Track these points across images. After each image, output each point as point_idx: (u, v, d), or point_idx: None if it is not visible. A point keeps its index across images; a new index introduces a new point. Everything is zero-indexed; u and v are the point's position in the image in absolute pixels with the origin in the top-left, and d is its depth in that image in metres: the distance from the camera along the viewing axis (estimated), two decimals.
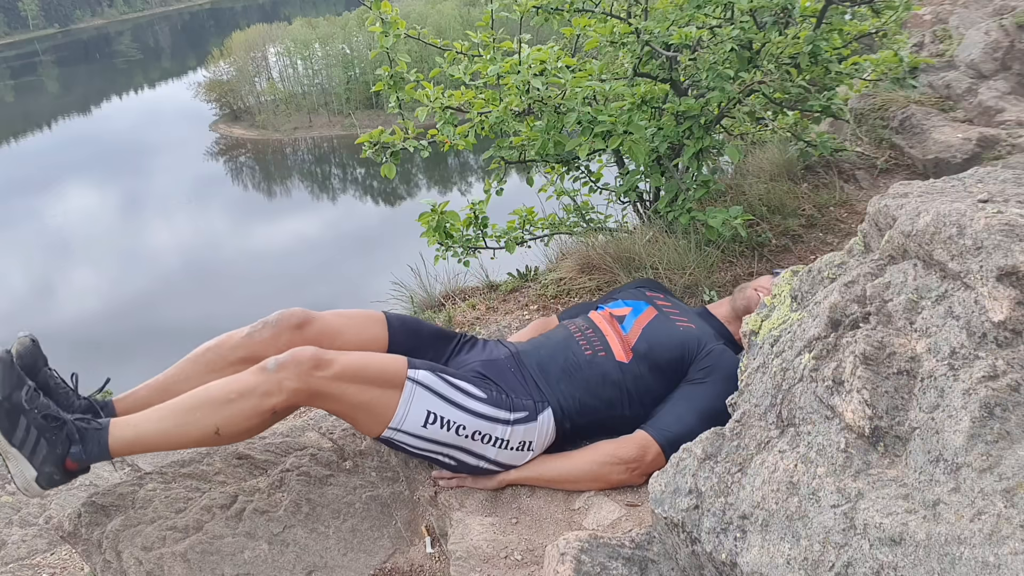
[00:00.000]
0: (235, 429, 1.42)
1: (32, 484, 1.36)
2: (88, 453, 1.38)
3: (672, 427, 1.54)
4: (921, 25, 4.67)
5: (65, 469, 1.37)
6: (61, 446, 1.36)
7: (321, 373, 1.42)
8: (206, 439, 1.42)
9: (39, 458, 1.35)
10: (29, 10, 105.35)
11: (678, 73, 2.60)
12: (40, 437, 1.35)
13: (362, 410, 1.48)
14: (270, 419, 1.45)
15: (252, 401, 1.40)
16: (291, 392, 1.40)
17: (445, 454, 1.55)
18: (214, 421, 1.39)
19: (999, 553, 0.73)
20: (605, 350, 1.67)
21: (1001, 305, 0.85)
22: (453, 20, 35.29)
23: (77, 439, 1.37)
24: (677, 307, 1.85)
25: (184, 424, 1.40)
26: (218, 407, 1.40)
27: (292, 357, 1.42)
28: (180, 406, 1.41)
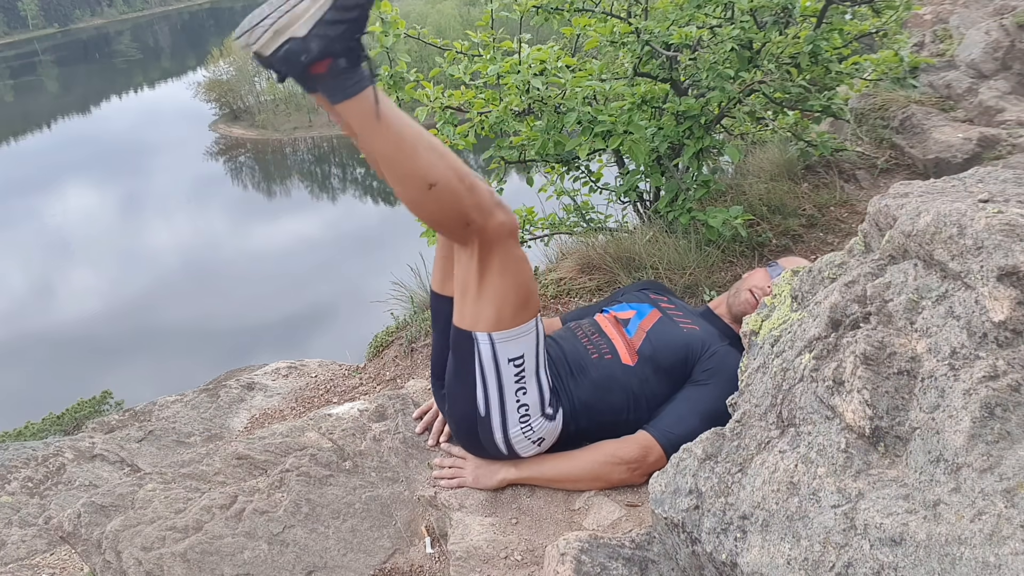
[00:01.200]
0: (442, 200, 1.34)
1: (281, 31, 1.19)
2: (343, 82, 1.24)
3: (674, 428, 1.54)
4: (921, 25, 4.67)
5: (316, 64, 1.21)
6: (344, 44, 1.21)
7: (512, 242, 1.42)
8: (422, 180, 1.33)
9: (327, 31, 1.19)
10: (29, 10, 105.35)
11: (678, 73, 2.60)
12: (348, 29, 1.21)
13: (492, 296, 1.44)
14: (459, 225, 1.38)
15: (468, 197, 1.35)
16: (489, 224, 1.37)
17: (488, 395, 1.52)
18: (442, 172, 1.32)
19: (999, 553, 0.73)
20: (611, 353, 1.67)
21: (1001, 305, 0.85)
22: (453, 20, 35.29)
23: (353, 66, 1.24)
24: (681, 309, 1.85)
25: (418, 152, 1.32)
26: (451, 168, 1.33)
27: (510, 216, 1.41)
28: (420, 136, 1.33)
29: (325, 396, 2.50)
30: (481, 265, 1.42)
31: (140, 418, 2.75)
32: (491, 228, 1.38)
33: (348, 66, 1.24)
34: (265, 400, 2.65)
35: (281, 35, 1.20)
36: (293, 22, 1.19)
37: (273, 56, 1.22)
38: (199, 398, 2.73)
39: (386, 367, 2.52)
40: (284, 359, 3.02)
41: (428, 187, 1.33)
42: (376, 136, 1.30)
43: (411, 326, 2.58)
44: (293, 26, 1.19)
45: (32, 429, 4.50)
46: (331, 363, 2.90)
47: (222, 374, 3.10)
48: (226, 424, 2.55)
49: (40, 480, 2.40)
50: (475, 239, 1.40)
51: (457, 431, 1.65)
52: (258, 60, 1.25)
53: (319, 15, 1.19)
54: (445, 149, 1.37)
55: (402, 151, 1.32)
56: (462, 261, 1.47)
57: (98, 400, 6.11)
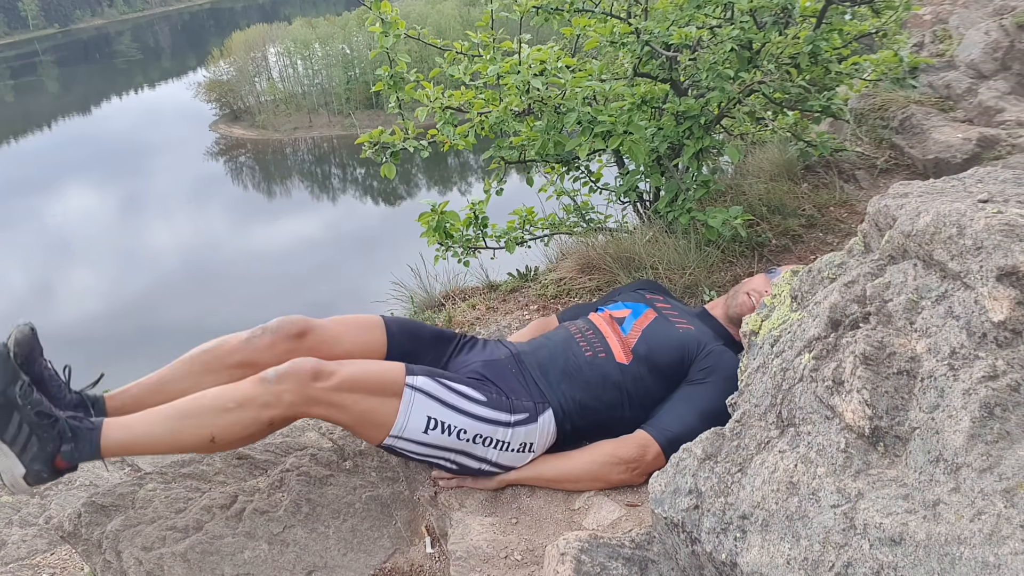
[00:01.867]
0: (231, 438, 1.41)
1: (19, 481, 1.34)
2: (80, 452, 1.36)
3: (672, 427, 1.54)
4: (921, 25, 4.67)
5: (55, 467, 1.35)
6: (52, 444, 1.34)
7: (321, 384, 1.42)
8: (201, 446, 1.41)
9: (29, 455, 1.33)
10: (29, 10, 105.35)
11: (678, 73, 2.60)
12: (32, 434, 1.34)
13: (363, 419, 1.47)
14: (267, 430, 1.44)
15: (251, 412, 1.39)
16: (290, 404, 1.40)
17: (447, 458, 1.55)
18: (210, 430, 1.39)
19: (999, 553, 0.73)
20: (605, 352, 1.67)
21: (1001, 305, 0.85)
22: (453, 20, 35.28)
23: (69, 437, 1.36)
24: (676, 309, 1.85)
25: (179, 430, 1.39)
26: (215, 415, 1.39)
27: (292, 368, 1.42)
28: (176, 411, 1.40)
29: None
30: (327, 414, 1.47)
31: None
32: (292, 403, 1.41)
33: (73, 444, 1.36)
34: None
35: (18, 481, 1.34)
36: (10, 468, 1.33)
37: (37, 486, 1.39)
38: None
39: None
40: None
41: (211, 441, 1.40)
42: (147, 447, 1.41)
43: None
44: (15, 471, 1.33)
45: None
46: None
47: None
48: None
49: None
50: (297, 413, 1.44)
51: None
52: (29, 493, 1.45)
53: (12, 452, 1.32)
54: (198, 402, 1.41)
55: (171, 444, 1.41)
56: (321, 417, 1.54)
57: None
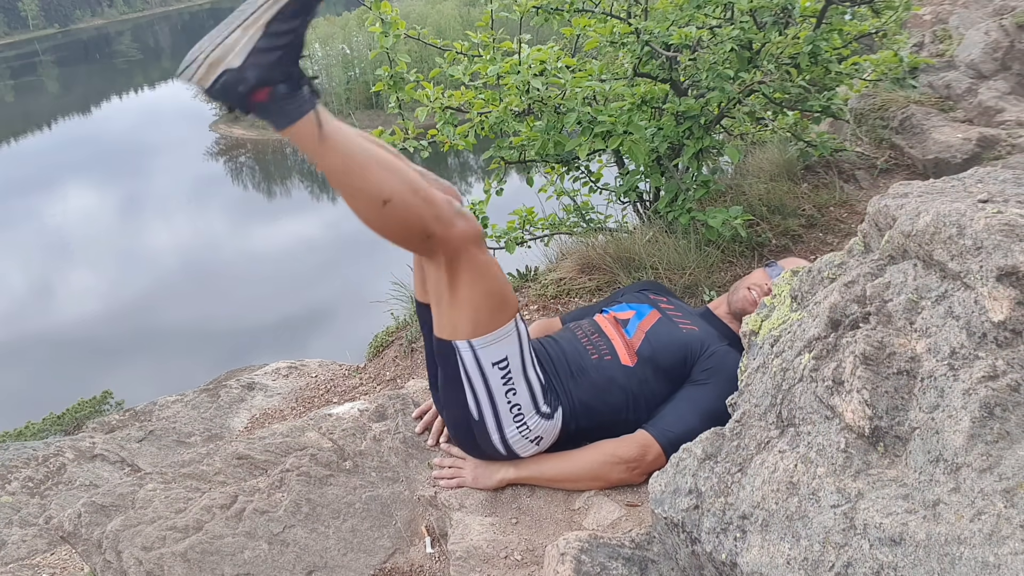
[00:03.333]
0: (397, 216, 1.34)
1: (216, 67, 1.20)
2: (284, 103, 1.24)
3: (673, 427, 1.54)
4: (921, 25, 4.67)
5: (256, 89, 1.22)
6: (282, 70, 1.22)
7: (476, 249, 1.41)
8: (375, 197, 1.32)
9: (258, 59, 1.20)
10: (29, 10, 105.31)
11: (678, 73, 2.60)
12: (282, 56, 1.22)
13: (466, 305, 1.44)
14: (418, 237, 1.38)
15: (424, 209, 1.35)
16: (451, 234, 1.37)
17: (479, 401, 1.52)
18: (395, 189, 1.32)
19: (999, 553, 0.73)
20: (611, 354, 1.68)
21: (1001, 305, 0.85)
22: (453, 20, 35.25)
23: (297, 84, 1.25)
24: (680, 309, 1.85)
25: (370, 168, 1.32)
26: (403, 183, 1.33)
27: (472, 223, 1.41)
28: (376, 157, 1.34)
29: (325, 396, 2.51)
30: (450, 275, 1.43)
31: (140, 418, 2.75)
32: (454, 238, 1.38)
33: (288, 91, 1.25)
34: (265, 400, 2.65)
35: (216, 67, 1.21)
36: (227, 53, 1.21)
37: (212, 88, 1.23)
38: (199, 398, 2.73)
39: (386, 367, 2.53)
40: (284, 359, 3.02)
41: (382, 203, 1.32)
42: (324, 157, 1.31)
43: (411, 326, 2.58)
44: (227, 57, 1.21)
45: (33, 429, 4.49)
46: (331, 363, 2.90)
47: (222, 374, 3.11)
48: (226, 424, 2.55)
49: (41, 480, 2.40)
50: (439, 251, 1.40)
51: (455, 435, 1.66)
52: (203, 93, 1.26)
53: (251, 44, 1.21)
54: (399, 164, 1.37)
55: (351, 170, 1.32)
56: (431, 273, 1.48)
57: (98, 400, 6.11)
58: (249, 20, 1.21)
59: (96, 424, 2.89)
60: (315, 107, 1.28)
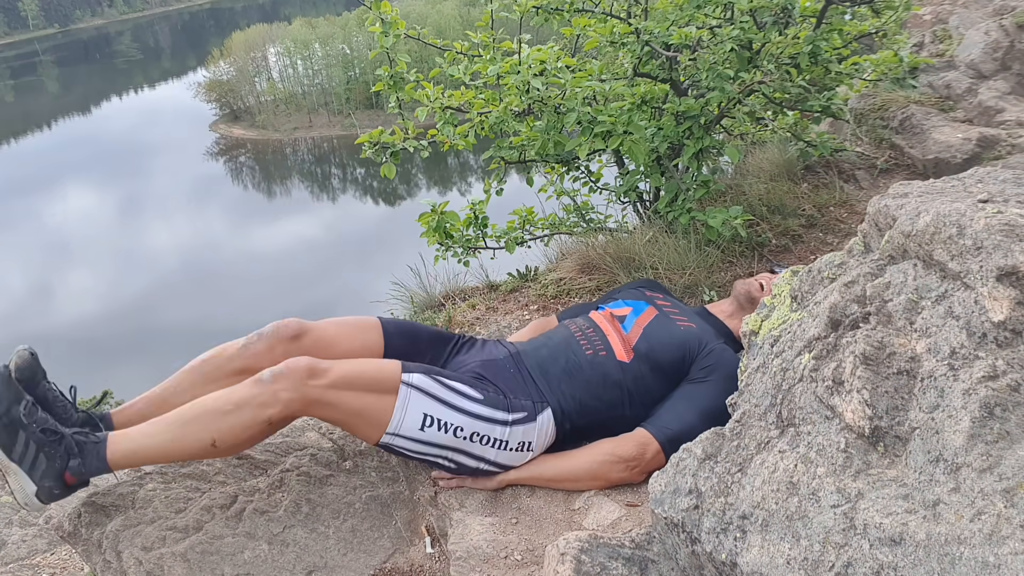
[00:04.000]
0: (232, 441, 1.42)
1: (32, 498, 1.37)
2: (87, 466, 1.38)
3: (672, 425, 1.54)
4: (921, 25, 4.67)
5: (65, 483, 1.38)
6: (60, 460, 1.37)
7: (316, 382, 1.43)
8: (203, 452, 1.43)
9: (39, 472, 1.36)
10: (29, 10, 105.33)
11: (678, 73, 2.60)
12: (39, 452, 1.36)
13: (359, 417, 1.48)
14: (267, 430, 1.45)
15: (249, 412, 1.40)
16: (287, 402, 1.41)
17: (444, 457, 1.55)
18: (211, 433, 1.40)
19: (999, 553, 0.73)
20: (606, 350, 1.67)
21: (1001, 305, 0.85)
22: (453, 20, 35.27)
23: (76, 453, 1.38)
24: (677, 307, 1.85)
25: (181, 437, 1.41)
26: (215, 419, 1.40)
27: (287, 368, 1.43)
28: (177, 419, 1.42)
29: None
30: (323, 414, 1.48)
31: None
32: (290, 402, 1.42)
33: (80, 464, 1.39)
34: None
35: (31, 500, 1.38)
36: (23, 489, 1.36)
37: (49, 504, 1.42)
38: None
39: None
40: None
41: (213, 446, 1.42)
42: (153, 456, 1.43)
43: None
44: (28, 491, 1.36)
45: None
46: None
47: None
48: None
49: None
50: (295, 413, 1.45)
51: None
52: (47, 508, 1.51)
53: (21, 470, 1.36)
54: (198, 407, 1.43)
55: (171, 454, 1.44)
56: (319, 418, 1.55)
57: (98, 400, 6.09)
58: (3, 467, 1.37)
59: None
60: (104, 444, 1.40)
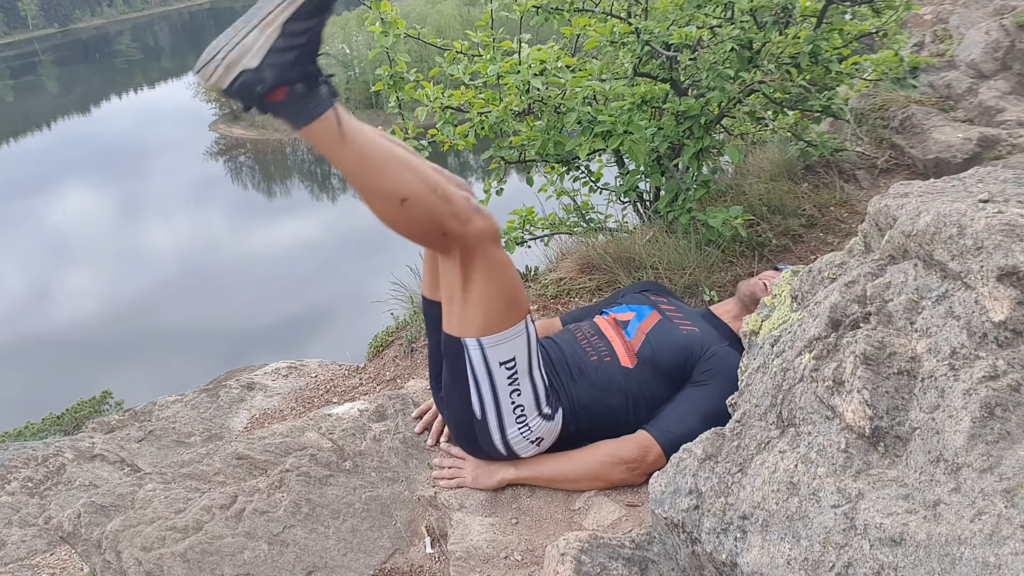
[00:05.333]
0: (415, 215, 1.34)
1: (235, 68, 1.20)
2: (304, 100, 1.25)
3: (674, 427, 1.54)
4: (921, 25, 4.67)
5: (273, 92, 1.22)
6: (299, 69, 1.22)
7: (493, 247, 1.41)
8: (392, 195, 1.33)
9: (277, 58, 1.20)
10: (29, 10, 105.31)
11: (678, 73, 2.60)
12: (301, 55, 1.22)
13: (479, 303, 1.44)
14: (437, 235, 1.38)
15: (442, 207, 1.35)
16: (466, 232, 1.37)
17: (483, 400, 1.52)
18: (413, 188, 1.32)
19: (999, 553, 0.73)
20: (610, 355, 1.67)
21: (1001, 305, 0.85)
22: (453, 20, 35.21)
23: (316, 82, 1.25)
24: (681, 310, 1.85)
25: (388, 168, 1.32)
26: (421, 185, 1.33)
27: (489, 220, 1.41)
28: (395, 153, 1.34)
29: (325, 396, 2.50)
30: (464, 272, 1.43)
31: (140, 418, 2.75)
32: (471, 235, 1.38)
33: (306, 91, 1.25)
34: (265, 400, 2.65)
35: (234, 68, 1.21)
36: (244, 54, 1.21)
37: (230, 89, 1.23)
38: (199, 398, 2.73)
39: (386, 367, 2.52)
40: (284, 359, 3.02)
41: (400, 202, 1.33)
42: (343, 156, 1.31)
43: (411, 326, 2.58)
44: (244, 58, 1.21)
45: (32, 429, 4.49)
46: (331, 363, 2.90)
47: (222, 374, 3.11)
48: (226, 424, 2.55)
49: (40, 480, 2.40)
50: (456, 247, 1.40)
51: (456, 434, 1.66)
52: (219, 93, 1.27)
53: (269, 44, 1.21)
54: (417, 162, 1.37)
55: (370, 169, 1.32)
56: (446, 269, 1.47)
57: (98, 400, 6.10)
58: (266, 20, 1.21)
59: (96, 424, 2.89)
60: (333, 106, 1.28)
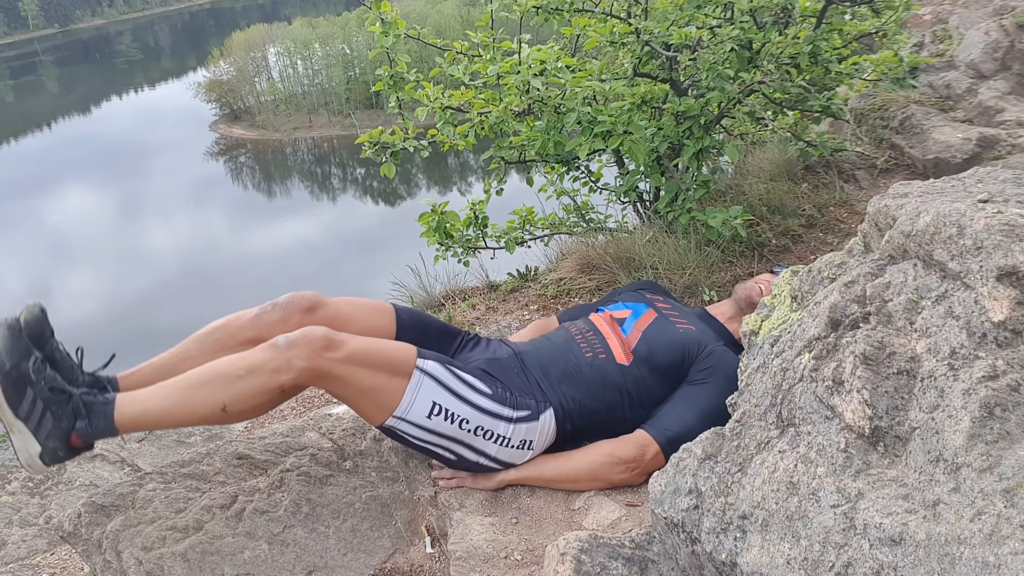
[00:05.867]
0: (243, 406, 1.39)
1: (35, 460, 1.33)
2: (94, 428, 1.34)
3: (672, 426, 1.54)
4: (921, 25, 4.67)
5: (70, 445, 1.34)
6: (67, 420, 1.32)
7: (331, 354, 1.41)
8: (212, 416, 1.38)
9: (44, 432, 1.31)
10: (29, 10, 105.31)
11: (678, 73, 2.60)
12: (46, 410, 1.32)
13: (368, 396, 1.46)
14: (278, 397, 1.42)
15: (261, 378, 1.38)
16: (300, 371, 1.38)
17: (446, 447, 1.54)
18: (222, 398, 1.37)
19: (999, 553, 0.73)
20: (606, 352, 1.67)
21: (1001, 305, 0.85)
22: (453, 20, 35.25)
23: (83, 413, 1.34)
24: (677, 309, 1.85)
25: (191, 400, 1.37)
26: (226, 383, 1.37)
27: (303, 335, 1.40)
28: (187, 382, 1.39)
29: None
30: (331, 388, 1.46)
31: None
32: (302, 370, 1.39)
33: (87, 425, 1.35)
34: None
35: (34, 459, 1.34)
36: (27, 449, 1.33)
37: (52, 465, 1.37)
38: None
39: None
40: None
41: (222, 410, 1.38)
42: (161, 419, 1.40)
43: None
44: (32, 450, 1.33)
45: None
46: None
47: None
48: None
49: (40, 480, 2.40)
50: (305, 381, 1.43)
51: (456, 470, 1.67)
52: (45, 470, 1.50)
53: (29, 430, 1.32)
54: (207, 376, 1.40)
55: (178, 419, 1.41)
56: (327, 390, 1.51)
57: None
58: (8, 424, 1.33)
59: None
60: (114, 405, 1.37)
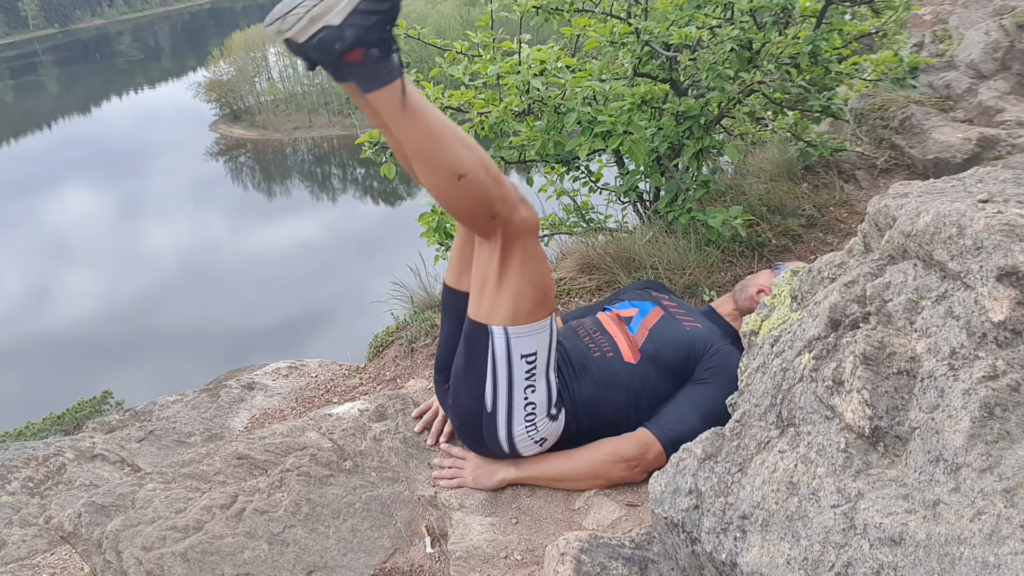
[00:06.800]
0: (472, 191, 1.36)
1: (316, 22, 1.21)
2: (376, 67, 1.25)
3: (674, 425, 1.54)
4: (921, 25, 4.67)
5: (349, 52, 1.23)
6: (375, 33, 1.23)
7: (532, 239, 1.44)
8: (452, 170, 1.34)
9: (355, 21, 1.21)
10: (29, 10, 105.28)
11: (678, 73, 2.60)
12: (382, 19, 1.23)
13: (512, 291, 1.45)
14: (487, 217, 1.40)
15: (494, 190, 1.37)
16: (513, 218, 1.40)
17: (496, 391, 1.51)
18: (471, 164, 1.34)
19: (999, 553, 0.73)
20: (613, 351, 1.67)
21: (1001, 305, 0.85)
22: (453, 20, 35.24)
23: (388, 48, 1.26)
24: (683, 307, 1.85)
25: (446, 140, 1.33)
26: (479, 161, 1.35)
27: (532, 212, 1.44)
28: (452, 129, 1.36)
29: (325, 396, 2.50)
30: (503, 259, 1.44)
31: (140, 418, 2.75)
32: (515, 222, 1.40)
33: (380, 56, 1.27)
34: (265, 400, 2.65)
35: (316, 23, 1.22)
36: (328, 11, 1.22)
37: (307, 43, 1.24)
38: (199, 398, 2.73)
39: (386, 367, 2.52)
40: (284, 359, 3.02)
41: (457, 177, 1.34)
42: (405, 125, 1.33)
43: (411, 326, 2.58)
44: (328, 15, 1.22)
45: (33, 429, 4.50)
46: (331, 363, 2.90)
47: (222, 374, 3.11)
48: (226, 424, 2.55)
49: (41, 480, 2.40)
50: (498, 232, 1.42)
51: (460, 426, 1.64)
52: (290, 47, 1.27)
53: (353, 5, 1.22)
54: (473, 142, 1.39)
55: (431, 141, 1.34)
56: (483, 254, 1.48)
57: (98, 400, 6.12)
58: None
59: (96, 424, 2.89)
60: (402, 75, 1.29)
